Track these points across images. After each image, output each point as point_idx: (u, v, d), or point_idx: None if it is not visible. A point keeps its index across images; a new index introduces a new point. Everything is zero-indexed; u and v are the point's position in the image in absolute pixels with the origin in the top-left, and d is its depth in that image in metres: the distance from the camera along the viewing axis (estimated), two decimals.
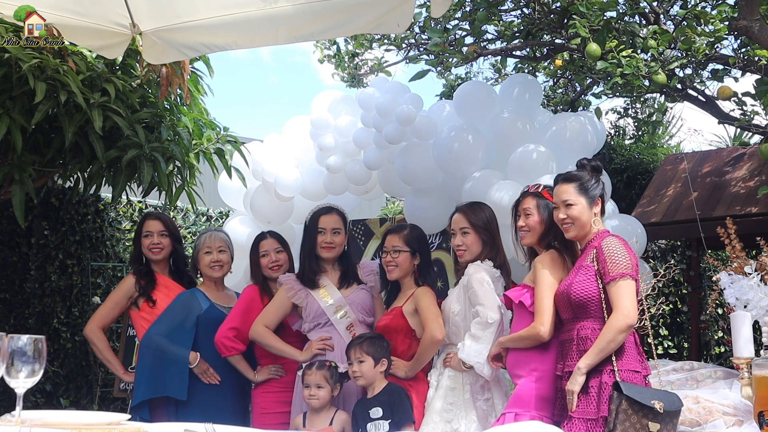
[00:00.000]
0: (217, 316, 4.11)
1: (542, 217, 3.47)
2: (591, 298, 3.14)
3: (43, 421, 2.08)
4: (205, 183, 4.90)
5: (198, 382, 4.03)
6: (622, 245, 3.17)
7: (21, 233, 5.79)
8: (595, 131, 5.00)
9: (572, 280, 3.21)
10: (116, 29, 3.56)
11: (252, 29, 3.45)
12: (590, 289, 3.15)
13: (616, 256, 3.13)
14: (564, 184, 3.29)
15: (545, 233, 3.47)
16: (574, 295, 3.17)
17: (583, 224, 3.26)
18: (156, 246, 4.21)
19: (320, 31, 3.36)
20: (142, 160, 3.98)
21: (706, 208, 6.39)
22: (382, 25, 3.40)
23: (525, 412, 3.23)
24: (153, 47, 3.61)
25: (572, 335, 3.18)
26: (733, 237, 4.06)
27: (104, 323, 4.21)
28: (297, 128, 5.71)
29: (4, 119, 3.57)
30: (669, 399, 3.00)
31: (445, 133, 4.99)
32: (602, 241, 3.19)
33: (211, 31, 3.48)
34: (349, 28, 3.62)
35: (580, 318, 3.18)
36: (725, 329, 8.07)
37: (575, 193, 3.26)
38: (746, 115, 5.44)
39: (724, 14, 5.36)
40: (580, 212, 3.25)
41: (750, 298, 3.47)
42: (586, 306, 3.16)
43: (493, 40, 6.88)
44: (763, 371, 3.07)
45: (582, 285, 3.16)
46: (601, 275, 3.13)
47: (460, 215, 3.74)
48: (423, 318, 3.70)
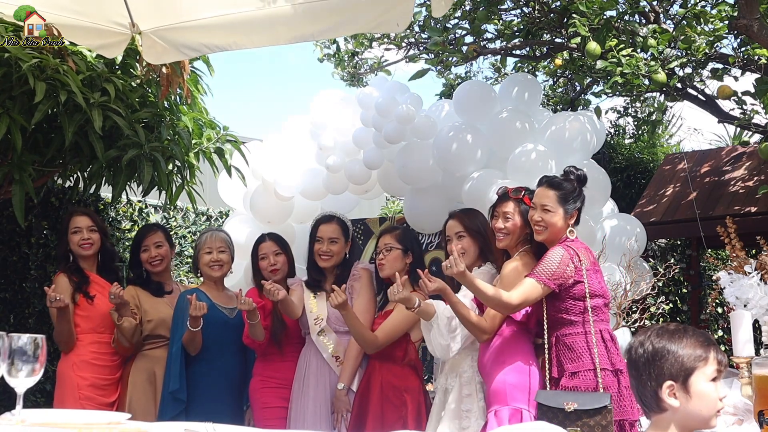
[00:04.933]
0: (217, 316, 4.11)
1: (522, 222, 3.51)
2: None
3: (44, 421, 2.09)
4: (205, 183, 4.89)
5: (198, 382, 4.03)
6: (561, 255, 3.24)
7: (21, 233, 5.78)
8: (595, 130, 4.99)
9: None
10: (115, 29, 3.56)
11: (252, 29, 3.45)
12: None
13: (546, 260, 3.25)
14: (548, 189, 3.36)
15: (522, 237, 3.54)
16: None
17: (555, 231, 3.35)
18: (86, 242, 4.14)
19: (320, 31, 3.36)
20: (142, 159, 3.97)
21: (705, 207, 6.39)
22: (382, 25, 3.40)
23: (502, 406, 3.27)
24: (152, 47, 3.61)
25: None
26: (733, 236, 4.06)
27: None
28: (297, 128, 5.71)
29: (4, 119, 3.56)
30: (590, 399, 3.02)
31: (445, 133, 4.98)
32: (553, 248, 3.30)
33: (211, 31, 3.48)
34: (348, 28, 3.62)
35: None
36: (725, 328, 8.07)
37: (555, 200, 3.34)
38: (746, 114, 5.45)
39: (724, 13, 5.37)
40: (556, 220, 3.34)
41: (750, 297, 3.47)
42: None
43: (493, 39, 6.89)
44: (763, 370, 3.06)
45: None
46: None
47: (454, 221, 3.75)
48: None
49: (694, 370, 2.01)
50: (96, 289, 4.13)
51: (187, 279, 6.88)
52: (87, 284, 4.11)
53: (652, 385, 2.02)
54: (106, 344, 4.10)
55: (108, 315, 4.06)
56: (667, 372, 2.01)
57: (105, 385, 4.06)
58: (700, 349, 2.03)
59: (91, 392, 4.00)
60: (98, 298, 4.09)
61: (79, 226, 4.14)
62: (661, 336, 2.04)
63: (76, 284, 4.09)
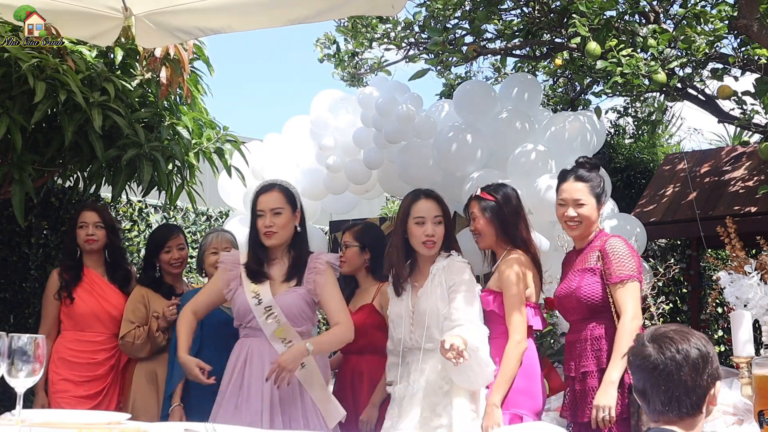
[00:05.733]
0: (222, 316, 4.10)
1: (488, 219, 3.43)
2: (601, 299, 3.20)
3: (44, 421, 2.09)
4: (205, 183, 4.89)
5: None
6: (626, 247, 3.22)
7: (21, 233, 5.78)
8: (595, 130, 5.00)
9: (579, 282, 3.25)
10: (108, 13, 3.49)
11: (246, 12, 3.39)
12: (599, 291, 3.20)
13: (621, 257, 3.17)
14: (576, 182, 3.30)
15: (499, 233, 3.42)
16: (585, 297, 3.22)
17: (589, 224, 3.29)
18: (91, 237, 4.14)
19: (315, 13, 3.30)
20: (141, 159, 3.97)
21: (705, 207, 6.39)
22: (377, 7, 3.38)
23: (504, 411, 3.23)
24: (146, 32, 3.55)
25: (584, 335, 3.23)
26: (733, 236, 4.06)
27: (46, 330, 4.10)
28: (297, 128, 5.72)
29: (4, 119, 3.56)
30: None
31: (445, 133, 4.99)
32: (606, 243, 3.23)
33: (205, 14, 3.43)
34: (344, 10, 3.58)
35: (590, 319, 3.24)
36: (725, 328, 8.07)
37: (588, 192, 3.28)
38: (746, 114, 5.44)
39: (724, 13, 5.37)
40: (590, 212, 3.28)
41: (750, 297, 3.47)
42: (597, 307, 3.21)
43: (493, 39, 6.88)
44: (763, 370, 3.06)
45: (591, 287, 3.22)
46: (606, 276, 3.17)
47: (432, 203, 3.35)
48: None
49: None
50: (84, 288, 4.13)
51: (187, 279, 6.88)
52: (76, 284, 4.12)
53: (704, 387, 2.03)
54: (87, 342, 4.11)
55: (89, 314, 4.08)
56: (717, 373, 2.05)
57: (83, 381, 4.07)
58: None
59: (65, 386, 4.03)
60: (84, 297, 4.10)
61: (86, 221, 4.16)
62: (699, 338, 2.06)
63: (66, 282, 4.11)
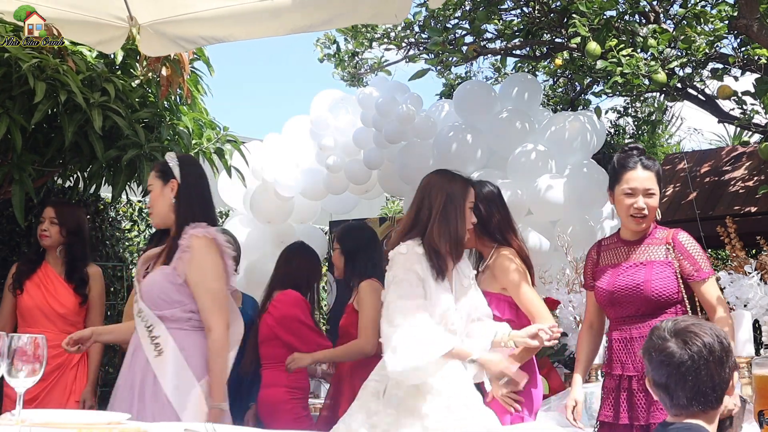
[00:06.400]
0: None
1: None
2: (673, 294, 2.98)
3: (44, 421, 2.09)
4: None
5: None
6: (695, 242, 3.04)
7: (21, 233, 5.77)
8: (595, 130, 5.00)
9: (648, 276, 3.00)
10: (114, 22, 3.52)
11: (249, 21, 3.41)
12: (675, 286, 2.98)
13: (700, 252, 2.99)
14: (644, 171, 2.99)
15: (482, 231, 3.27)
16: (656, 291, 2.98)
17: (653, 216, 3.04)
18: (43, 233, 4.07)
19: (320, 22, 3.32)
20: (141, 159, 3.97)
21: (705, 207, 6.40)
22: (380, 16, 3.36)
23: (505, 413, 3.17)
24: (150, 40, 3.58)
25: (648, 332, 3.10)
26: (733, 236, 4.06)
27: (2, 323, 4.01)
28: (297, 128, 5.71)
29: (4, 119, 3.56)
30: None
31: (445, 133, 4.99)
32: (678, 236, 3.03)
33: (209, 23, 3.45)
34: (347, 19, 3.59)
35: (654, 314, 2.98)
36: None
37: (655, 181, 3.00)
38: (746, 114, 5.45)
39: (724, 13, 5.37)
40: (656, 203, 3.03)
41: (750, 297, 3.47)
42: (668, 302, 2.99)
43: (493, 39, 6.89)
44: (763, 370, 3.06)
45: (665, 282, 2.98)
46: (686, 272, 2.98)
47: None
48: (361, 323, 3.61)
49: None
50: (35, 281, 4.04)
51: None
52: (28, 276, 4.04)
53: (727, 379, 2.04)
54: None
55: (34, 308, 3.99)
56: (735, 363, 2.09)
57: None
58: None
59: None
60: (32, 290, 4.02)
61: (44, 216, 4.09)
62: (718, 329, 2.07)
63: (19, 273, 4.05)
